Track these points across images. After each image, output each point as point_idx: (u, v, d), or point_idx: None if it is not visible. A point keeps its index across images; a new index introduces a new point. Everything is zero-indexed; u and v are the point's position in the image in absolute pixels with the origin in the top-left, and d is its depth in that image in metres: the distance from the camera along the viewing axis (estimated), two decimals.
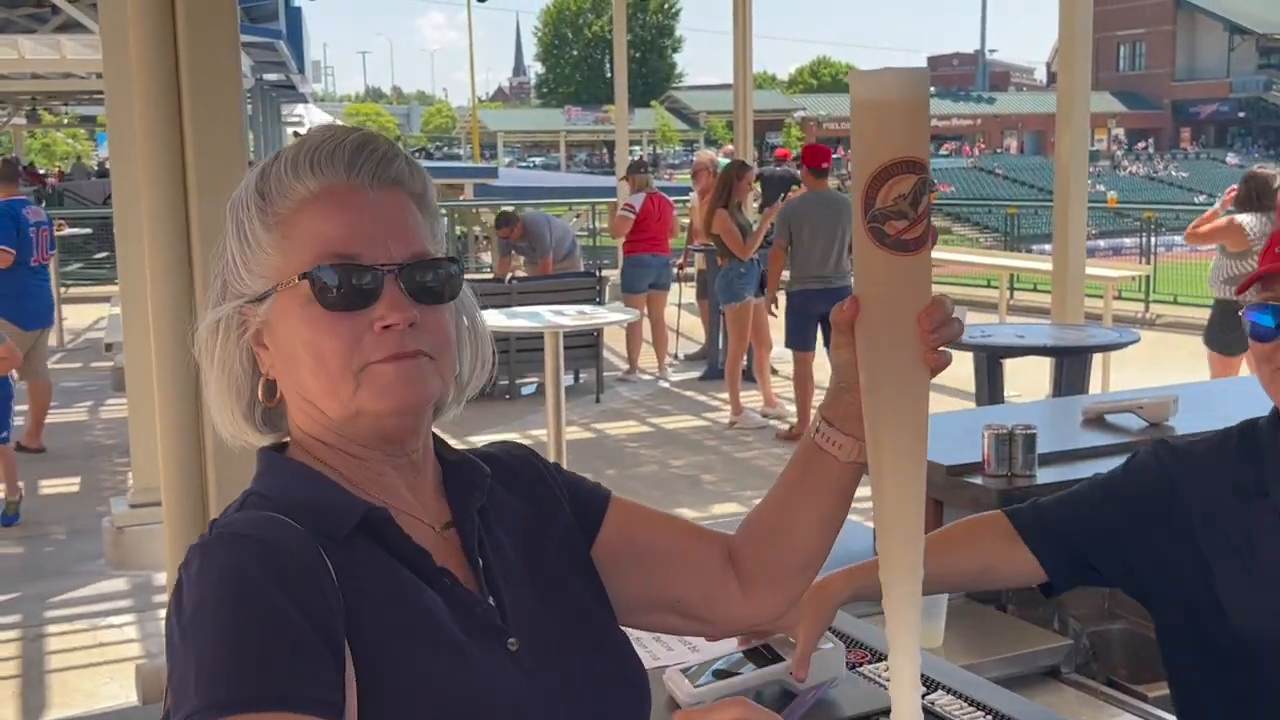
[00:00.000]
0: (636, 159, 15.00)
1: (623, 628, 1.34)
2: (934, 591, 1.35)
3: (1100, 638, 2.88)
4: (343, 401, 1.18)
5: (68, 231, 14.36)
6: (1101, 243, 24.93)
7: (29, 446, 8.11)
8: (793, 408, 8.40)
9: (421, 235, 1.22)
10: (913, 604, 1.18)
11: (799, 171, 8.83)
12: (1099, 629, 2.90)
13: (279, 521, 1.14)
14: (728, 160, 10.87)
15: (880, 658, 1.95)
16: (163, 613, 4.43)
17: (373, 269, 1.16)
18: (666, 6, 70.76)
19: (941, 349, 1.14)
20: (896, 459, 1.18)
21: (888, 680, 1.31)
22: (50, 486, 7.54)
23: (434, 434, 1.31)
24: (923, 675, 1.82)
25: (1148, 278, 13.26)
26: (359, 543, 1.17)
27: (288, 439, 1.27)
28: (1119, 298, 12.53)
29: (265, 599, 1.07)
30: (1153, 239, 14.51)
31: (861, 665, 1.95)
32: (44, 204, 14.86)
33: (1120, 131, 64.99)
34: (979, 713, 1.80)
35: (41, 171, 29.29)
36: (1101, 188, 38.12)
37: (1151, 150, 63.14)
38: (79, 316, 13.52)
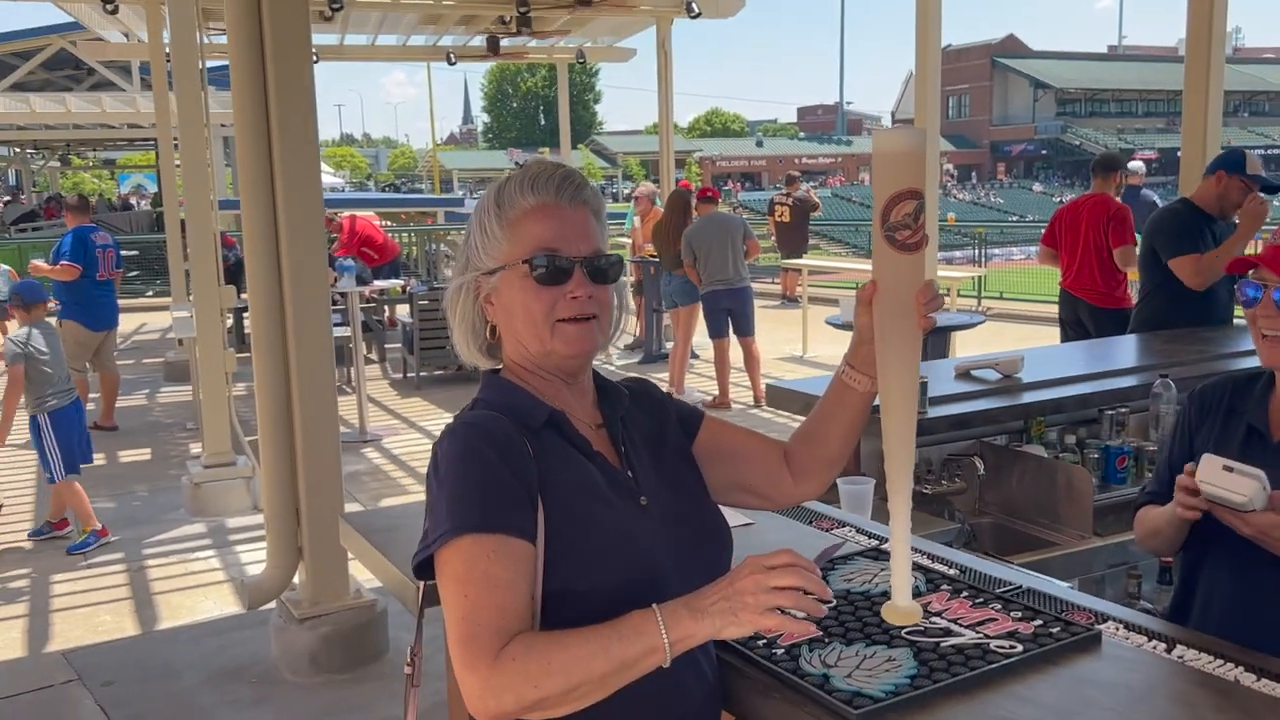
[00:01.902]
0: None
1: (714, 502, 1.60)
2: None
3: (977, 526, 3.22)
4: (542, 343, 1.43)
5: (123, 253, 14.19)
6: (941, 254, 25.60)
7: (104, 425, 8.17)
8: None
9: (599, 238, 1.47)
10: (907, 484, 1.44)
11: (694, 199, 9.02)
12: (975, 521, 3.24)
13: (496, 417, 1.40)
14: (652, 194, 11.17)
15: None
16: (239, 548, 4.68)
17: (568, 259, 1.42)
18: (588, 69, 70.61)
19: (930, 315, 1.41)
20: (900, 389, 1.44)
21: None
22: (127, 456, 7.57)
23: (592, 367, 1.55)
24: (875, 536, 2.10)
25: (980, 278, 13.79)
26: (547, 433, 1.42)
27: (500, 366, 1.52)
28: (959, 295, 13.05)
29: (489, 463, 1.33)
30: (984, 250, 15.08)
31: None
32: None
33: (951, 166, 66.29)
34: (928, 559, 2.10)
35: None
36: (942, 210, 38.98)
37: (975, 181, 64.47)
38: (125, 323, 13.32)
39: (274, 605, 4.23)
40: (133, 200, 34.37)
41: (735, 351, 8.44)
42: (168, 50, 7.80)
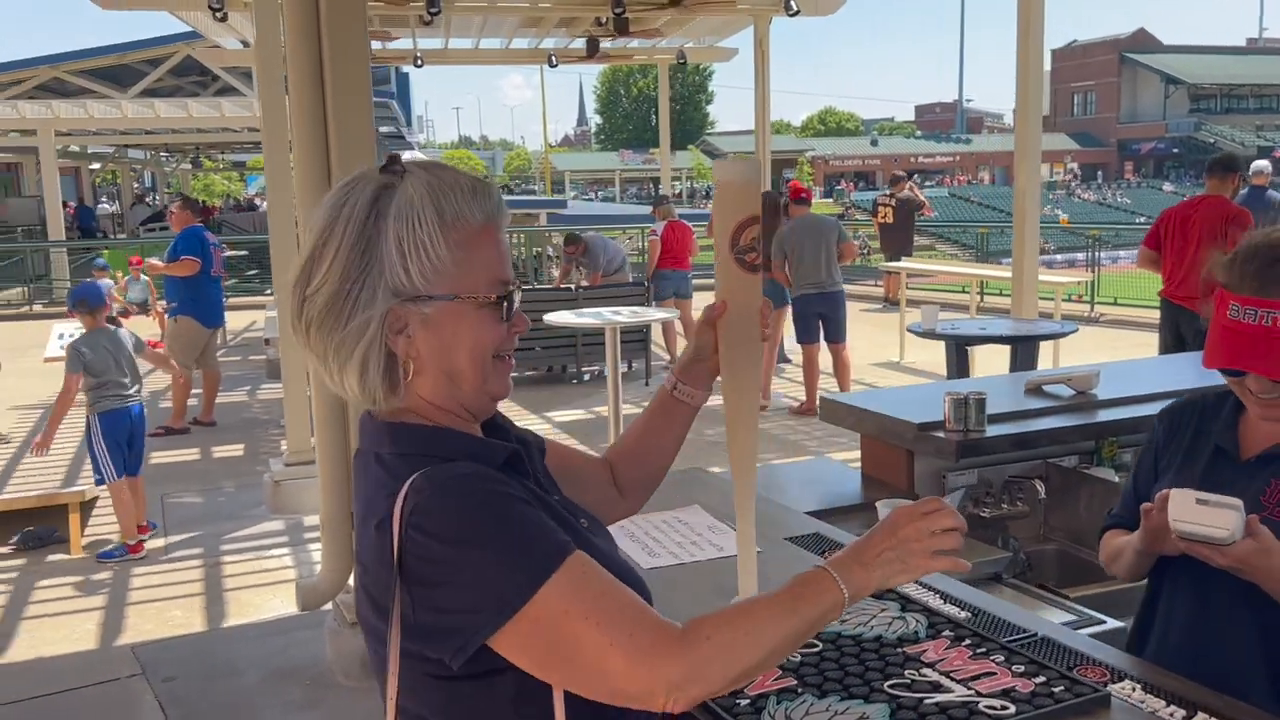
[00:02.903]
0: (661, 194, 15.04)
1: None
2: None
3: (1037, 555, 3.01)
4: (482, 381, 1.25)
5: (227, 253, 14.73)
6: (1059, 256, 24.72)
7: (203, 421, 8.42)
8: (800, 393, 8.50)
9: None
10: (751, 486, 1.47)
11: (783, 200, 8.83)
12: (1035, 548, 3.04)
13: (468, 463, 1.20)
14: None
15: None
16: (311, 546, 4.63)
17: (516, 290, 1.27)
18: (702, 69, 70.46)
19: (769, 328, 1.46)
20: (749, 401, 1.47)
21: None
22: (220, 451, 7.77)
23: None
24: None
25: (1093, 283, 13.21)
26: (505, 472, 1.26)
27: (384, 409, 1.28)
28: (1069, 299, 12.52)
29: (515, 498, 1.16)
30: (1098, 253, 14.44)
31: None
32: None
33: (1075, 165, 64.06)
34: (939, 599, 1.95)
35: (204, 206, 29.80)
36: (1059, 212, 37.69)
37: (1101, 181, 62.15)
38: (237, 321, 13.80)
39: (330, 607, 4.24)
40: (257, 201, 35.62)
41: (826, 357, 8.24)
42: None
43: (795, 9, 9.95)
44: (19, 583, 5.23)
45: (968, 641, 1.60)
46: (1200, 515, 1.55)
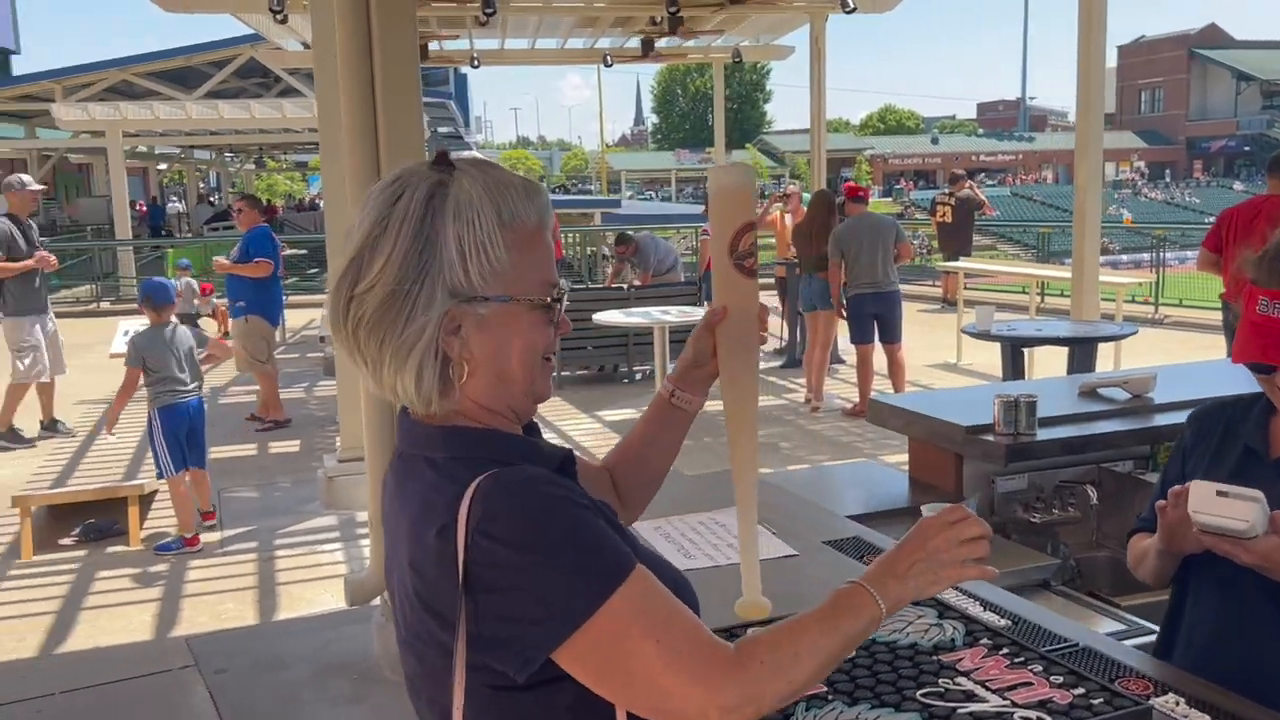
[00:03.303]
0: None
1: None
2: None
3: (1088, 562, 2.94)
4: (530, 383, 1.23)
5: (289, 252, 14.98)
6: (1124, 257, 24.20)
7: (259, 417, 8.55)
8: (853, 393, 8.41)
9: None
10: (752, 491, 1.44)
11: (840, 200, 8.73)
12: (1086, 555, 2.97)
13: (531, 466, 1.17)
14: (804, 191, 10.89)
15: None
16: (363, 542, 4.66)
17: (564, 292, 1.26)
18: (759, 67, 70.18)
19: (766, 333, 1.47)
20: (749, 405, 1.45)
21: None
22: (277, 447, 7.88)
23: None
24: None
25: (1157, 284, 12.92)
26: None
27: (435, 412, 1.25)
28: (1131, 301, 12.25)
29: (582, 505, 1.13)
30: (1164, 253, 14.12)
31: None
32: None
33: (1142, 164, 62.77)
34: (979, 606, 1.91)
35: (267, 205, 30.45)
36: (1124, 211, 36.94)
37: (1169, 180, 60.80)
38: (296, 319, 13.99)
39: (378, 602, 4.28)
40: (318, 200, 36.20)
41: (881, 358, 8.15)
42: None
43: (852, 6, 9.84)
44: (80, 573, 5.35)
45: (1005, 650, 1.56)
46: (1220, 507, 1.53)
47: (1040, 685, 1.45)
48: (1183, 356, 8.95)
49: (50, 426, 8.24)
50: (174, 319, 5.86)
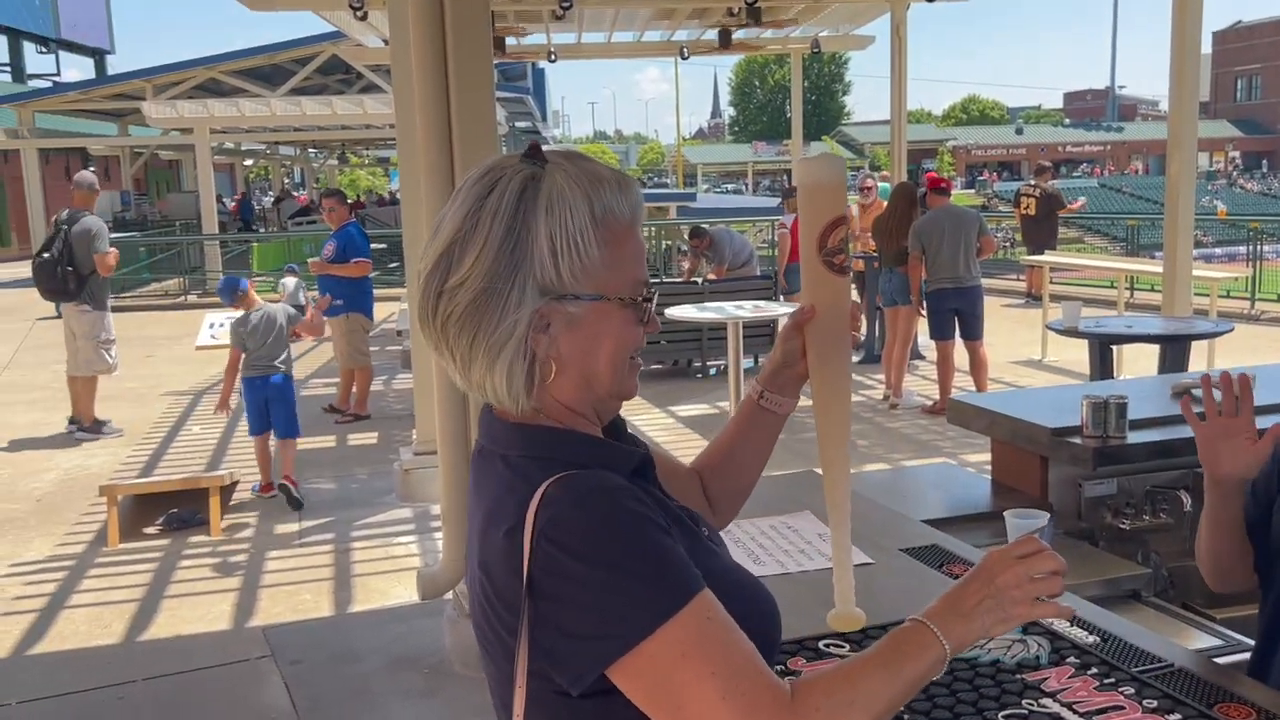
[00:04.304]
0: (791, 187, 14.79)
1: None
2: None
3: (1180, 571, 2.82)
4: (618, 383, 1.21)
5: (372, 247, 15.19)
6: (1218, 250, 23.42)
7: (338, 409, 8.68)
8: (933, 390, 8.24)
9: None
10: (845, 495, 1.35)
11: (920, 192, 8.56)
12: (1179, 564, 2.84)
13: (603, 473, 1.15)
14: (885, 184, 10.70)
15: None
16: (437, 535, 4.65)
17: (654, 291, 1.23)
18: (838, 57, 69.43)
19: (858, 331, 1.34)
20: (842, 407, 1.37)
21: None
22: (355, 440, 7.98)
23: None
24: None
25: (1254, 279, 12.43)
26: (636, 481, 1.20)
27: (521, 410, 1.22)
28: (1226, 296, 11.82)
29: (652, 521, 1.10)
30: (1260, 246, 13.60)
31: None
32: None
33: (1237, 154, 60.68)
34: (1070, 623, 1.82)
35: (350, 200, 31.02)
36: (1218, 203, 35.76)
37: (1266, 170, 58.66)
38: (377, 312, 14.16)
39: (450, 597, 4.30)
40: (399, 195, 36.76)
41: (962, 355, 7.98)
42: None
43: None
44: (163, 562, 5.48)
45: (1094, 670, 1.48)
46: None
47: (1132, 709, 1.37)
48: None
49: (88, 425, 8.21)
50: (262, 302, 6.48)
